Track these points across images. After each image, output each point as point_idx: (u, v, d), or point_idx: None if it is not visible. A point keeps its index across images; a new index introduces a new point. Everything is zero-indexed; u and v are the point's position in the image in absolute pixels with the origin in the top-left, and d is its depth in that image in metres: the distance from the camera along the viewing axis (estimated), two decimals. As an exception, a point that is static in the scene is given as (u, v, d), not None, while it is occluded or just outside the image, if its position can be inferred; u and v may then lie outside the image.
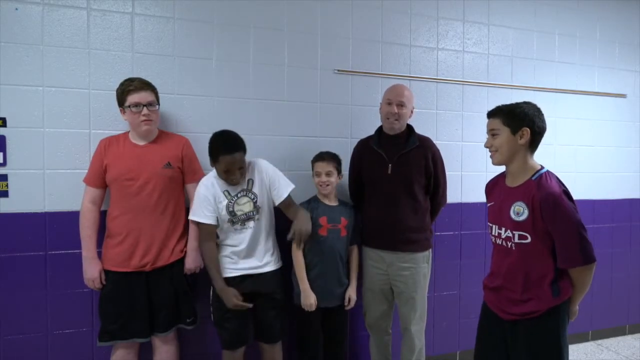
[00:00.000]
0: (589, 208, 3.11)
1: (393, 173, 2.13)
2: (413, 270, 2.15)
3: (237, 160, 1.89)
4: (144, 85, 1.94)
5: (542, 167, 1.61)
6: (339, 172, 2.19)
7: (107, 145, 1.97)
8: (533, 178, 1.57)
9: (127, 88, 1.90)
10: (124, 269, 1.91)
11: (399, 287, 2.18)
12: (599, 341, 3.19)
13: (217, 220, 1.98)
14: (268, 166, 2.07)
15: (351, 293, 2.19)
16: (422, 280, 2.18)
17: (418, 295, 2.17)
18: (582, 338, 3.16)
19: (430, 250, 2.24)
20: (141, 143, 1.98)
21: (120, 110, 1.95)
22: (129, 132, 2.02)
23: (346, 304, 2.17)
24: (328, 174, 2.12)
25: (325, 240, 2.12)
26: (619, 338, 3.24)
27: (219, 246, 2.05)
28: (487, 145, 1.66)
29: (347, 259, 2.21)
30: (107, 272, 1.94)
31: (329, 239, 2.12)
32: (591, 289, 3.10)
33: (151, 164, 1.94)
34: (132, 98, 1.90)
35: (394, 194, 2.13)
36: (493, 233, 1.70)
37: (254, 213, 2.01)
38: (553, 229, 1.51)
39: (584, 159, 3.10)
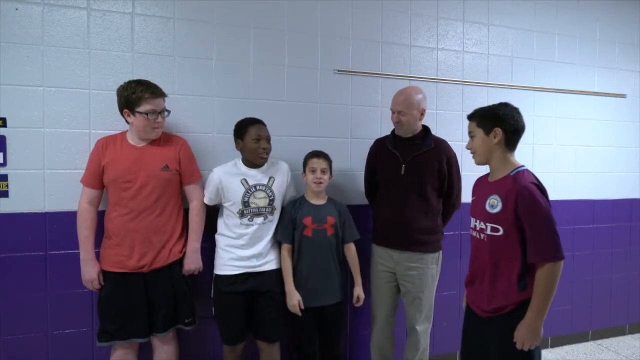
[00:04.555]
0: (588, 208, 3.11)
1: (406, 173, 2.13)
2: (421, 270, 2.15)
3: (265, 130, 2.06)
4: (159, 91, 1.93)
5: (522, 165, 1.65)
6: (331, 171, 2.18)
7: (105, 145, 1.94)
8: (511, 174, 1.61)
9: (144, 95, 1.86)
10: (121, 270, 1.91)
11: (406, 286, 2.18)
12: (599, 341, 3.19)
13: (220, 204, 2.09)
14: (289, 171, 2.20)
15: (359, 292, 2.20)
16: (429, 280, 2.17)
17: (425, 295, 2.16)
18: (582, 338, 3.16)
19: (441, 252, 2.23)
20: (139, 145, 1.96)
21: (126, 113, 1.90)
22: (126, 132, 1.99)
23: (355, 302, 2.19)
24: (323, 171, 2.12)
25: (311, 240, 2.10)
26: (619, 338, 3.24)
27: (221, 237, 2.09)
28: (468, 147, 1.74)
29: (344, 257, 2.21)
30: (105, 273, 1.94)
31: (314, 239, 2.10)
32: (591, 289, 3.15)
33: (149, 166, 1.92)
34: (149, 105, 1.87)
35: (405, 194, 2.13)
36: (471, 225, 1.75)
37: (267, 210, 2.06)
38: (526, 222, 1.52)
39: (583, 159, 3.09)
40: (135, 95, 1.86)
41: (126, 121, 1.94)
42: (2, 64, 1.98)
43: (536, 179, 1.61)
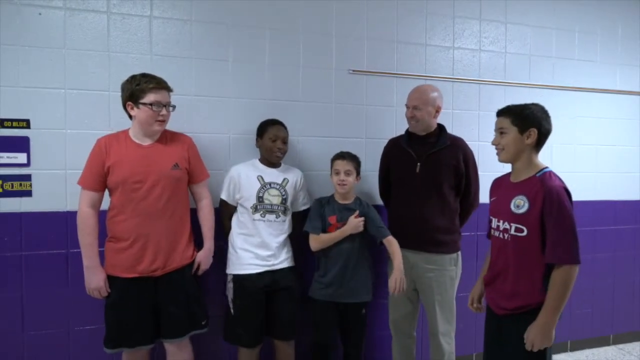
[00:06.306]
0: (609, 209, 3.04)
1: (421, 172, 2.10)
2: (438, 272, 2.11)
3: (282, 131, 2.15)
4: (164, 84, 1.87)
5: (547, 167, 1.66)
6: (358, 173, 2.17)
7: (108, 145, 1.84)
8: (537, 175, 1.63)
9: (149, 85, 1.81)
10: (131, 275, 1.83)
11: (423, 289, 2.15)
12: (621, 345, 3.11)
13: (236, 204, 2.12)
14: (302, 178, 2.24)
15: (397, 275, 1.99)
16: (448, 282, 2.13)
17: (443, 298, 2.12)
18: (604, 342, 3.09)
19: (459, 253, 2.19)
20: (145, 143, 1.88)
21: (129, 106, 1.83)
22: (128, 130, 1.91)
23: (391, 291, 2.02)
24: (347, 173, 2.11)
25: None
26: (642, 343, 3.16)
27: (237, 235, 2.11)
28: (495, 143, 1.71)
29: (371, 258, 2.19)
30: (111, 278, 1.86)
31: None
32: (613, 292, 3.07)
33: (158, 165, 1.85)
34: (154, 96, 1.81)
35: (421, 193, 2.11)
36: (492, 226, 1.75)
37: (279, 208, 2.09)
38: (550, 223, 1.53)
39: (604, 158, 3.03)
40: (139, 87, 1.80)
41: (129, 116, 1.88)
42: (26, 67, 2.04)
43: (562, 182, 1.62)
